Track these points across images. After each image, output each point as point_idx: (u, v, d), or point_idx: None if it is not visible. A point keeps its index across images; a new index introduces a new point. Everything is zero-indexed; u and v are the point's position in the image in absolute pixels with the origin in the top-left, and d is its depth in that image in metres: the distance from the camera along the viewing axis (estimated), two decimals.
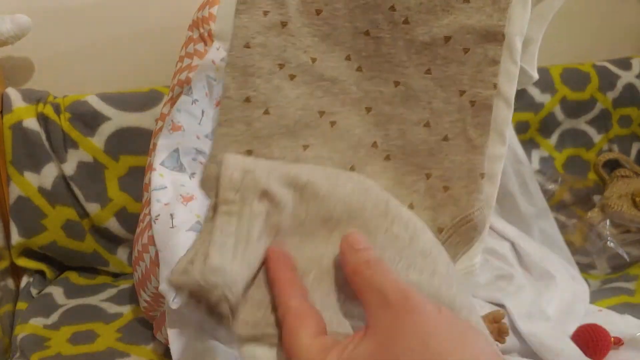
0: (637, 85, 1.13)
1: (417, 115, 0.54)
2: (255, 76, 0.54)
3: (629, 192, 1.02)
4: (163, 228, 0.68)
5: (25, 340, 0.73)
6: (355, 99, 0.55)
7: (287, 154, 0.54)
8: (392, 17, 0.55)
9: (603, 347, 0.71)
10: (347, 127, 0.55)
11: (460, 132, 0.54)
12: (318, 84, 0.55)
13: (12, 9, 0.87)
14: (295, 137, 0.54)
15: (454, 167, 0.54)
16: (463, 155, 0.54)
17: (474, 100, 0.54)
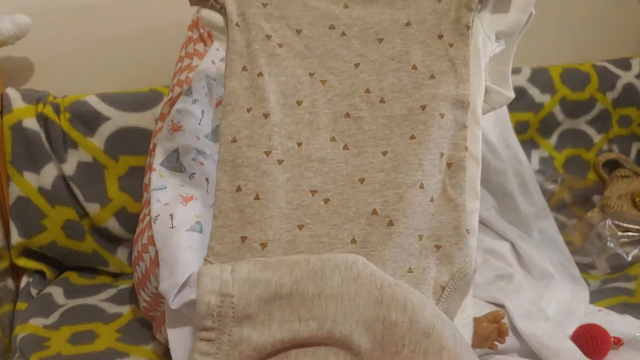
0: (636, 85, 1.13)
1: (411, 177, 0.56)
2: (243, 166, 0.56)
3: (629, 192, 1.02)
4: (163, 228, 0.68)
5: (25, 340, 0.73)
6: (346, 174, 0.57)
7: (281, 235, 0.54)
8: (368, 99, 0.59)
9: (603, 347, 0.71)
10: (341, 201, 0.56)
11: (442, 193, 0.57)
12: (307, 165, 0.57)
13: (12, 9, 0.88)
14: (289, 218, 0.55)
15: (442, 226, 0.56)
16: (448, 214, 0.57)
17: (451, 162, 0.58)
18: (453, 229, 0.56)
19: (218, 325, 0.46)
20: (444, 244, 0.56)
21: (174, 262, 0.64)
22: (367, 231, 0.54)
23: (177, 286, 0.62)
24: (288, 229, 0.54)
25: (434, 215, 0.56)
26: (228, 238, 0.55)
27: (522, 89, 1.05)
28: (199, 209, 0.70)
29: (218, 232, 0.56)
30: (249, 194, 0.55)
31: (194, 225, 0.67)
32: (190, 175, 0.75)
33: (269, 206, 0.55)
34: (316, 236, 0.54)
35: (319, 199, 0.56)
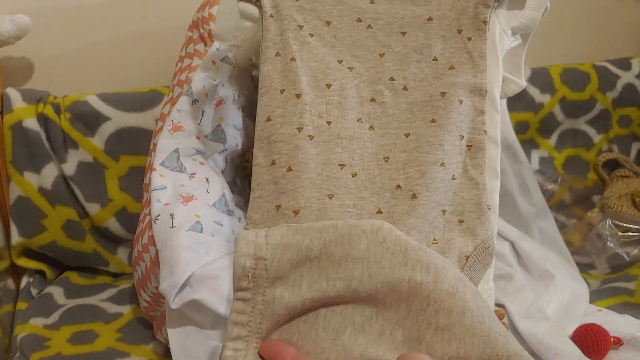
0: (636, 85, 1.13)
1: (433, 156, 0.60)
2: (278, 141, 0.61)
3: (629, 192, 1.02)
4: (163, 228, 0.68)
5: (25, 340, 0.74)
6: (372, 152, 0.61)
7: (312, 203, 0.58)
8: (392, 86, 0.64)
9: (603, 347, 0.71)
10: (368, 177, 0.60)
11: (463, 172, 0.61)
12: (336, 141, 0.61)
13: (12, 9, 0.88)
14: (319, 188, 0.59)
15: (464, 202, 0.60)
16: (469, 192, 0.60)
17: (471, 145, 0.62)
18: (475, 205, 0.60)
19: (253, 285, 0.48)
20: (466, 219, 0.60)
21: (174, 262, 0.64)
22: (392, 204, 0.59)
23: (178, 286, 0.62)
24: (318, 198, 0.58)
25: (456, 192, 0.60)
26: (264, 207, 0.59)
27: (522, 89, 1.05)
28: (200, 209, 0.70)
29: (255, 203, 0.60)
30: (282, 166, 0.59)
31: (194, 225, 0.67)
32: (191, 175, 0.75)
33: (300, 177, 0.58)
34: (344, 206, 0.58)
35: (347, 172, 0.60)
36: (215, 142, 0.80)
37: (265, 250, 0.48)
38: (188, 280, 0.62)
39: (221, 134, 0.81)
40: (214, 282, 0.62)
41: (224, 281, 0.63)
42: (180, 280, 0.62)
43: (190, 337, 0.62)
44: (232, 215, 0.75)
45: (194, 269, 0.63)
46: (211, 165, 0.79)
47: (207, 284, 0.62)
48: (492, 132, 0.64)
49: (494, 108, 0.64)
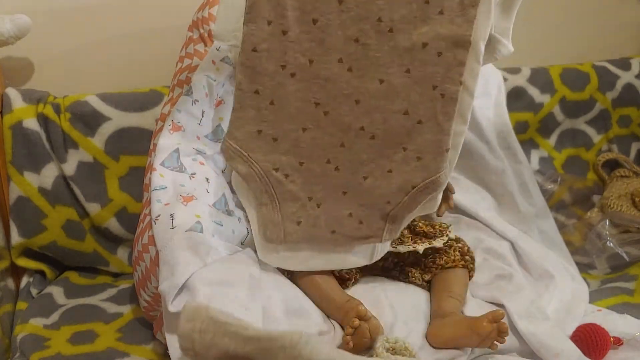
0: (636, 85, 1.13)
1: (397, 106, 0.67)
2: (262, 74, 0.66)
3: (629, 192, 1.02)
4: (163, 228, 0.68)
5: (25, 340, 0.74)
6: (346, 94, 0.67)
7: (289, 134, 0.68)
8: (378, 27, 0.66)
9: (602, 347, 0.71)
10: (338, 116, 0.68)
11: (432, 117, 0.68)
12: (314, 81, 0.67)
13: (12, 9, 0.87)
14: (295, 122, 0.68)
15: (426, 143, 0.69)
16: (433, 135, 0.68)
17: (444, 94, 0.67)
18: (435, 147, 0.69)
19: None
20: (424, 157, 0.69)
21: (174, 263, 0.64)
22: (354, 141, 0.69)
23: (177, 287, 0.62)
24: (294, 130, 0.68)
25: (420, 134, 0.68)
26: (246, 128, 0.68)
27: (522, 89, 1.05)
28: (200, 209, 0.70)
29: (238, 122, 0.68)
30: (266, 98, 0.67)
31: (194, 226, 0.67)
32: (191, 175, 0.75)
33: (281, 111, 0.67)
34: (315, 138, 0.69)
35: (320, 110, 0.68)
36: (215, 142, 0.80)
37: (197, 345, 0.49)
38: (187, 282, 0.62)
39: (221, 134, 0.81)
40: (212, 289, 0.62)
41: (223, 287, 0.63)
42: (179, 282, 0.62)
43: None
44: (232, 215, 0.76)
45: (193, 269, 0.63)
46: (211, 165, 0.79)
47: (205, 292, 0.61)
48: (469, 82, 0.68)
49: (475, 59, 0.68)
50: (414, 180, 0.70)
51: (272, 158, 0.69)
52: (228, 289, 0.63)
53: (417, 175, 0.70)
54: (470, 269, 0.79)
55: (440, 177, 0.70)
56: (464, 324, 0.69)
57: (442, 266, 0.78)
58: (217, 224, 0.71)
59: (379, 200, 0.71)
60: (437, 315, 0.73)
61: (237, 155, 0.69)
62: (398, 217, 0.72)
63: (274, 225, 0.71)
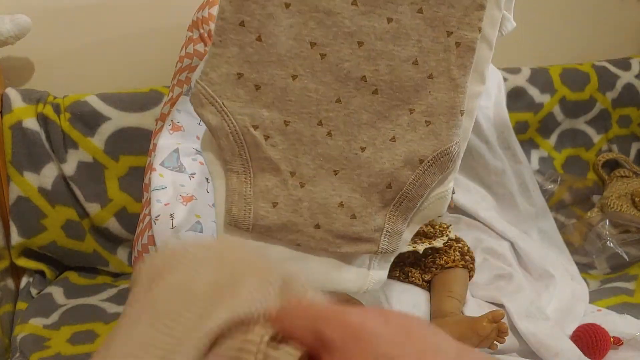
0: (636, 85, 1.14)
1: (406, 52, 0.56)
2: (250, 1, 0.55)
3: (628, 192, 1.02)
4: (163, 228, 0.68)
5: (25, 340, 0.74)
6: (348, 32, 0.56)
7: (275, 81, 0.56)
8: None
9: (602, 347, 0.71)
10: (336, 60, 0.56)
11: (445, 71, 0.56)
12: (312, 14, 0.56)
13: (12, 9, 0.87)
14: (285, 65, 0.56)
15: (437, 103, 0.57)
16: (446, 93, 0.57)
17: (460, 42, 0.56)
18: (447, 108, 0.57)
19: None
20: (434, 121, 0.57)
21: None
22: (353, 94, 0.56)
23: None
24: (282, 77, 0.56)
25: (431, 92, 0.57)
26: (224, 69, 0.56)
27: (522, 89, 1.05)
28: (199, 209, 0.70)
29: (215, 60, 0.56)
30: (252, 32, 0.55)
31: (194, 225, 0.68)
32: (191, 176, 0.75)
33: (269, 50, 0.55)
34: (306, 89, 0.56)
35: (316, 52, 0.56)
36: None
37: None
38: None
39: None
40: None
41: None
42: None
43: None
44: None
45: None
46: None
47: None
48: (488, 31, 0.58)
49: (496, 5, 0.58)
50: (423, 151, 0.57)
51: (251, 111, 0.56)
52: None
53: (426, 144, 0.57)
54: (470, 269, 0.79)
55: (452, 148, 0.57)
56: (464, 324, 0.69)
57: (442, 266, 0.78)
58: None
59: (378, 181, 0.58)
60: (437, 315, 0.73)
61: (209, 102, 0.56)
62: (401, 212, 0.59)
63: (243, 201, 0.58)
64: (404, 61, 0.56)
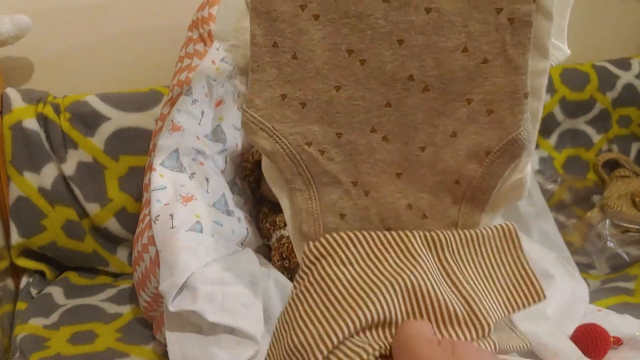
0: (636, 85, 1.13)
1: (453, 41, 0.52)
2: (279, 21, 0.53)
3: (629, 192, 1.02)
4: (163, 228, 0.68)
5: (25, 341, 0.74)
6: (384, 32, 0.52)
7: (319, 96, 0.54)
8: None
9: (602, 347, 0.71)
10: (377, 64, 0.53)
11: (500, 53, 0.52)
12: (343, 21, 0.53)
13: (12, 9, 0.87)
14: (326, 78, 0.53)
15: (496, 89, 0.52)
16: (504, 77, 0.52)
17: (512, 17, 0.51)
18: (509, 93, 0.52)
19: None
20: (496, 109, 0.52)
21: (174, 263, 0.64)
22: (402, 95, 0.53)
23: (177, 287, 0.62)
24: (325, 90, 0.54)
25: (488, 77, 0.52)
26: (267, 93, 0.54)
27: None
28: (200, 209, 0.70)
29: (256, 86, 0.54)
30: (286, 51, 0.53)
31: (194, 226, 0.67)
32: (191, 175, 0.75)
33: (306, 66, 0.53)
34: (352, 98, 0.54)
35: (355, 59, 0.53)
36: (215, 142, 0.80)
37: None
38: (187, 282, 0.62)
39: (221, 134, 0.81)
40: (212, 288, 0.62)
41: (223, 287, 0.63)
42: (179, 281, 0.62)
43: (188, 342, 0.62)
44: (232, 215, 0.76)
45: (193, 269, 0.63)
46: (211, 165, 0.79)
47: (206, 291, 0.61)
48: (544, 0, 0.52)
49: None
50: (487, 143, 0.53)
51: (302, 129, 0.55)
52: (228, 288, 0.63)
53: (490, 135, 0.53)
54: None
55: (520, 134, 0.52)
56: None
57: None
58: (217, 224, 0.71)
59: (444, 179, 0.55)
60: None
61: (259, 129, 0.55)
62: (475, 205, 0.55)
63: (311, 217, 0.56)
64: (452, 51, 0.52)
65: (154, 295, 0.69)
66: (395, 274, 0.49)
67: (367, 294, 0.48)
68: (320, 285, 0.49)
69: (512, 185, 0.56)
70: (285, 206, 0.58)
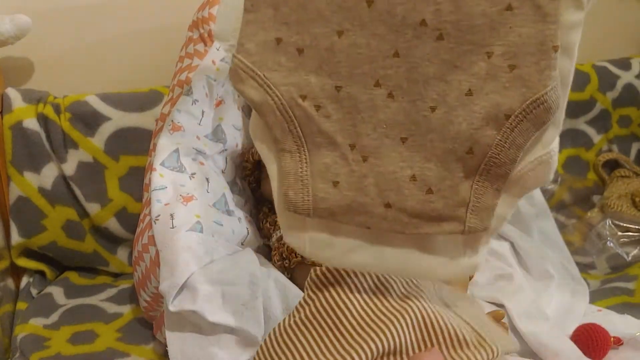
0: (636, 85, 1.13)
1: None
2: None
3: (629, 192, 1.02)
4: (163, 228, 0.68)
5: (25, 340, 0.74)
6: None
7: (319, 41, 0.47)
8: None
9: (602, 347, 0.71)
10: (387, 6, 0.46)
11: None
12: None
13: (12, 9, 0.87)
14: (328, 21, 0.47)
15: (521, 41, 0.45)
16: (531, 26, 0.45)
17: None
18: (536, 45, 0.45)
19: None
20: (519, 64, 0.45)
21: (174, 263, 0.64)
22: (413, 44, 0.46)
23: (177, 286, 0.62)
24: (326, 35, 0.47)
25: (512, 27, 0.45)
26: (261, 36, 0.48)
27: None
28: (200, 209, 0.70)
29: (249, 28, 0.49)
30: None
31: (194, 225, 0.67)
32: (191, 176, 0.75)
33: (306, 6, 0.47)
34: (355, 45, 0.47)
35: (361, 0, 0.47)
36: (215, 142, 0.80)
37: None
38: (187, 282, 0.62)
39: (221, 134, 0.81)
40: (212, 288, 0.62)
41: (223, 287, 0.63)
42: (180, 281, 0.62)
43: (189, 342, 0.62)
44: (232, 215, 0.76)
45: (193, 269, 0.63)
46: (211, 165, 0.79)
47: (206, 291, 0.61)
48: None
49: None
50: (508, 104, 0.45)
51: (297, 79, 0.48)
52: (228, 288, 0.63)
53: (512, 94, 0.45)
54: None
55: (547, 95, 0.45)
56: None
57: None
58: (217, 223, 0.71)
59: (456, 147, 0.47)
60: None
61: (249, 76, 0.49)
62: (490, 182, 0.47)
63: (300, 183, 0.49)
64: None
65: (154, 295, 0.69)
66: (403, 302, 0.49)
67: (379, 324, 0.47)
68: (328, 313, 0.48)
69: (534, 162, 0.49)
70: (272, 172, 0.51)
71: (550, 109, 0.46)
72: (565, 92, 0.47)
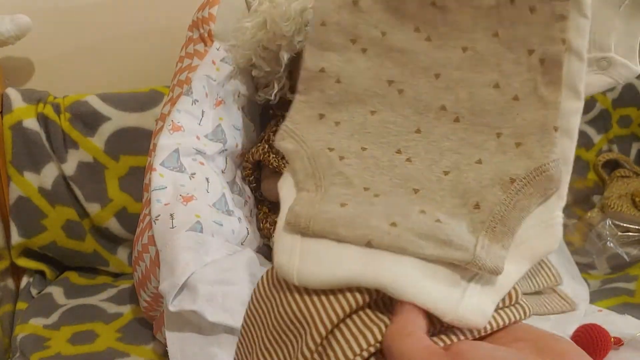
0: (636, 85, 1.13)
1: (486, 77, 0.55)
2: (329, 50, 0.57)
3: (629, 192, 1.02)
4: (163, 228, 0.68)
5: (25, 340, 0.73)
6: (424, 67, 0.56)
7: (354, 117, 0.56)
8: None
9: (603, 348, 0.71)
10: (414, 94, 0.56)
11: (531, 92, 0.54)
12: (388, 55, 0.57)
13: (12, 9, 0.87)
14: (364, 103, 0.56)
15: (526, 124, 0.53)
16: (535, 113, 0.53)
17: (544, 58, 0.54)
18: (538, 127, 0.53)
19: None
20: (525, 142, 0.53)
21: (174, 262, 0.64)
22: (433, 124, 0.55)
23: (177, 286, 0.62)
24: (362, 113, 0.56)
25: (519, 114, 0.53)
26: (307, 112, 0.57)
27: None
28: (200, 209, 0.70)
29: (300, 105, 0.57)
30: (332, 76, 0.57)
31: (194, 225, 0.67)
32: (191, 176, 0.75)
33: (348, 90, 0.57)
34: (384, 121, 0.56)
35: (394, 89, 0.57)
36: (215, 142, 0.80)
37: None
38: (187, 282, 0.62)
39: (221, 134, 0.81)
40: (212, 288, 0.62)
41: (223, 286, 0.63)
42: (179, 281, 0.62)
43: (189, 342, 0.62)
44: (232, 215, 0.75)
45: (193, 269, 0.63)
46: (211, 165, 0.79)
47: (206, 291, 0.61)
48: (575, 41, 0.54)
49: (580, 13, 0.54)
50: (514, 170, 0.52)
51: (329, 139, 0.55)
52: (228, 287, 0.63)
53: (518, 164, 0.53)
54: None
55: (549, 166, 0.52)
56: None
57: None
58: (217, 223, 0.71)
59: (464, 202, 0.52)
60: None
61: (289, 136, 0.56)
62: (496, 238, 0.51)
63: (309, 204, 0.52)
64: (485, 86, 0.54)
65: (154, 295, 0.69)
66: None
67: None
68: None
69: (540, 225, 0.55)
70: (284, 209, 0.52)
71: (552, 177, 0.52)
72: (567, 170, 0.53)
